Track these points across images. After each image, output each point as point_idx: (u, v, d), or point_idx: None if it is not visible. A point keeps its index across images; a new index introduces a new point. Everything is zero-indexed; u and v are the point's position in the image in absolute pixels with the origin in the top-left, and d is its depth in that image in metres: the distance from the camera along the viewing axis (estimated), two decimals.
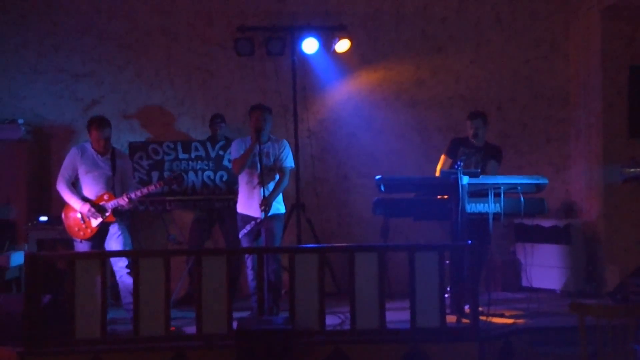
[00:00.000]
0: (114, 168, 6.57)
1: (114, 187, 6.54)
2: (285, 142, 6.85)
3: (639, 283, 6.77)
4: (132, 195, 6.45)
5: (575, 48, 8.67)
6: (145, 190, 6.54)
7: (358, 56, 8.76)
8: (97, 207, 6.44)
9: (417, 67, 8.83)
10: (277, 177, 6.70)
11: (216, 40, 8.66)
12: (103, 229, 6.51)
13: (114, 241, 6.50)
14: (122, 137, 8.31)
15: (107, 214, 6.46)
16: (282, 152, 6.73)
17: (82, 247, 6.51)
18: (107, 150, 6.62)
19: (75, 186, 6.60)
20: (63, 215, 6.61)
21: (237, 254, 6.79)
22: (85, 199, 6.50)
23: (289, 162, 6.79)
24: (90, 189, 6.54)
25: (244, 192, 6.71)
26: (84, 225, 6.48)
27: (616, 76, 7.89)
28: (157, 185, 6.67)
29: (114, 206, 6.46)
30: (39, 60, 8.52)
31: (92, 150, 6.60)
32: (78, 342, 5.67)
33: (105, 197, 6.48)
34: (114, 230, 6.52)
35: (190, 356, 5.65)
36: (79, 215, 6.48)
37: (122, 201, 6.43)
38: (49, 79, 8.53)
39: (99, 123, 6.58)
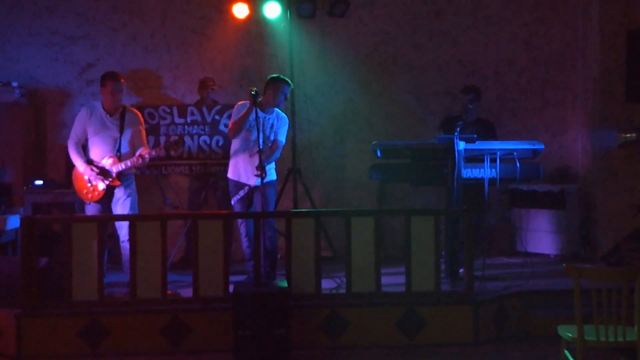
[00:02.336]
0: (121, 129, 6.49)
1: (120, 149, 6.48)
2: (286, 120, 6.75)
3: (633, 247, 6.81)
4: (129, 163, 6.40)
5: (573, 12, 8.61)
6: (146, 157, 6.47)
7: (355, 20, 8.70)
8: (101, 170, 6.40)
9: (414, 31, 8.77)
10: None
11: (213, 3, 8.58)
12: (109, 193, 6.46)
13: (120, 205, 6.47)
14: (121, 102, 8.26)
15: (111, 177, 6.43)
16: (280, 127, 6.67)
17: (90, 208, 6.46)
18: (117, 109, 6.52)
19: (84, 147, 6.53)
20: (73, 176, 6.55)
21: (235, 217, 6.79)
22: (90, 162, 6.44)
23: (282, 137, 6.70)
24: (96, 151, 6.47)
25: (238, 159, 6.64)
26: (91, 188, 6.42)
27: (614, 41, 7.85)
28: (157, 151, 6.59)
29: (117, 170, 6.42)
30: (33, 22, 8.45)
31: (102, 110, 6.50)
32: (75, 304, 5.72)
33: (110, 160, 6.44)
34: (120, 194, 6.48)
35: (186, 319, 5.70)
36: (86, 178, 6.44)
37: (125, 165, 6.40)
38: (43, 41, 8.47)
39: (114, 75, 6.50)
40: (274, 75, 6.81)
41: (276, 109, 6.69)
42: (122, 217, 6.37)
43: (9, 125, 7.97)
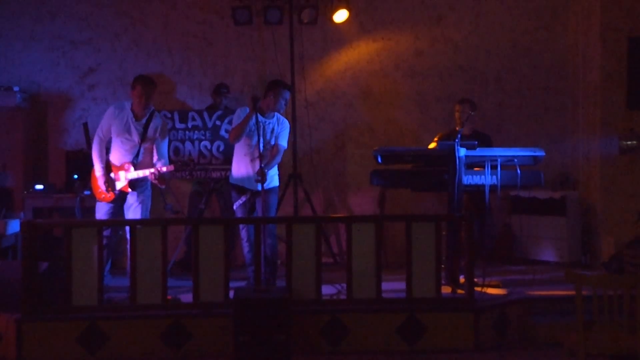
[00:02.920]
0: (144, 135, 6.44)
1: (138, 155, 6.44)
2: (287, 124, 6.75)
3: (634, 254, 6.80)
4: (141, 174, 6.36)
5: (575, 19, 8.62)
6: (161, 170, 6.40)
7: (357, 26, 8.71)
8: (112, 180, 6.38)
9: (416, 37, 8.78)
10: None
11: (214, 8, 8.60)
12: (124, 196, 6.46)
13: (131, 212, 6.45)
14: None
15: (123, 184, 6.39)
16: (281, 131, 6.67)
17: (102, 206, 6.48)
18: (144, 114, 6.46)
19: (108, 146, 6.49)
20: (91, 175, 6.54)
21: (235, 223, 6.79)
22: (111, 166, 6.42)
23: (284, 141, 6.69)
24: (116, 155, 6.45)
25: (240, 164, 6.64)
26: (104, 190, 6.44)
27: (615, 48, 7.85)
28: (168, 168, 6.55)
29: (131, 178, 6.39)
30: (36, 27, 8.47)
31: (130, 112, 6.44)
32: (75, 309, 5.71)
33: (126, 167, 6.40)
34: (132, 200, 6.45)
35: (186, 324, 5.69)
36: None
37: (138, 175, 6.37)
38: (45, 45, 8.49)
39: (144, 79, 6.45)
40: (275, 79, 6.81)
41: (277, 114, 6.69)
42: (120, 222, 6.38)
43: (10, 130, 7.97)
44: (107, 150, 6.52)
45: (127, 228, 6.34)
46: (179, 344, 5.67)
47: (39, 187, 7.82)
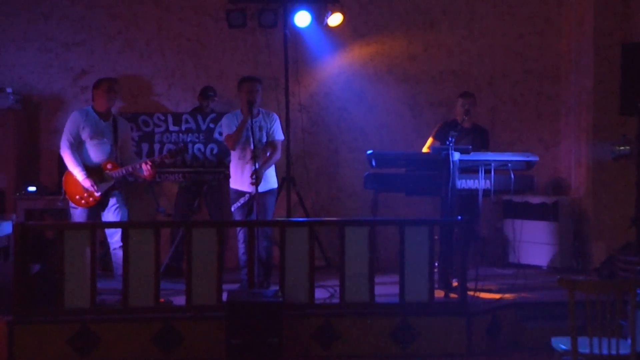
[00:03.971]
0: (116, 135, 6.45)
1: (115, 155, 6.43)
2: (276, 116, 6.82)
3: (626, 259, 6.82)
4: (130, 169, 6.38)
5: (568, 25, 8.65)
6: (157, 160, 6.47)
7: (350, 30, 8.72)
8: (100, 179, 6.31)
9: (409, 41, 8.79)
10: (269, 153, 6.68)
11: (208, 11, 8.59)
12: (105, 199, 6.39)
13: (112, 213, 6.40)
14: (112, 108, 8.23)
15: (110, 183, 6.37)
16: (273, 125, 6.70)
17: (79, 214, 6.33)
18: (109, 115, 6.49)
19: (79, 151, 6.36)
20: (64, 180, 6.38)
21: (228, 226, 6.79)
22: (88, 168, 6.29)
23: (279, 134, 6.76)
24: (94, 156, 6.38)
25: (237, 167, 6.67)
26: (86, 194, 6.30)
27: (608, 54, 7.88)
28: (163, 158, 6.57)
29: (117, 176, 6.39)
30: (29, 28, 8.43)
31: (95, 114, 6.42)
32: (67, 312, 5.69)
33: (109, 166, 6.37)
34: (113, 202, 6.42)
35: (179, 327, 5.68)
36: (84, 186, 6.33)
37: (125, 171, 6.38)
38: (38, 47, 8.45)
39: (108, 78, 6.51)
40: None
41: (261, 109, 6.71)
42: (115, 224, 6.32)
43: (2, 131, 7.94)
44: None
45: (108, 231, 6.33)
46: (171, 347, 5.66)
47: (31, 188, 7.79)
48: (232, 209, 6.67)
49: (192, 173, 7.60)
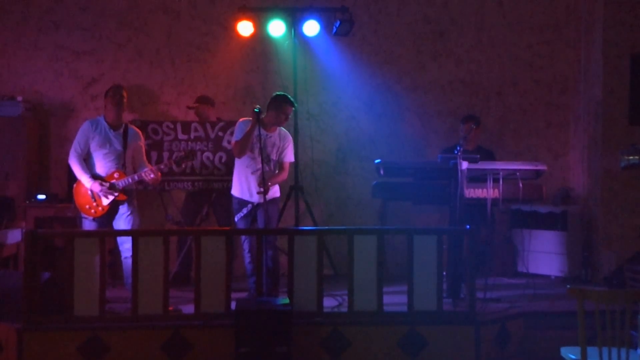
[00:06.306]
0: (125, 144, 6.50)
1: (125, 164, 6.49)
2: (290, 138, 6.81)
3: (636, 269, 6.79)
4: (136, 177, 6.41)
5: (577, 34, 8.66)
6: (163, 168, 6.52)
7: (360, 39, 8.74)
8: (108, 185, 6.38)
9: (418, 50, 8.81)
10: (277, 171, 6.69)
11: (218, 20, 8.62)
12: (113, 208, 6.44)
13: (123, 221, 6.46)
14: (124, 117, 8.27)
15: (117, 193, 6.40)
16: (286, 147, 6.70)
17: (89, 224, 6.43)
18: (120, 124, 6.55)
19: (87, 162, 6.48)
20: (74, 191, 6.50)
21: (237, 234, 6.79)
22: (95, 177, 6.40)
23: (290, 156, 6.77)
24: (101, 166, 6.45)
25: (241, 177, 6.66)
26: (94, 203, 6.38)
27: (617, 63, 7.88)
28: (170, 164, 6.60)
29: (124, 185, 6.41)
30: (39, 37, 8.48)
31: (105, 124, 6.49)
32: (76, 320, 5.69)
33: (116, 175, 6.42)
34: (124, 210, 6.47)
35: (188, 335, 5.68)
36: (90, 193, 6.40)
37: (132, 179, 6.41)
38: (49, 55, 8.49)
39: (118, 86, 6.57)
40: (279, 93, 6.83)
41: (279, 128, 6.71)
42: (124, 233, 6.36)
43: (13, 139, 7.97)
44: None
45: (120, 240, 6.36)
46: (180, 354, 5.66)
47: (41, 196, 7.82)
48: (236, 219, 6.67)
49: (201, 181, 7.62)
